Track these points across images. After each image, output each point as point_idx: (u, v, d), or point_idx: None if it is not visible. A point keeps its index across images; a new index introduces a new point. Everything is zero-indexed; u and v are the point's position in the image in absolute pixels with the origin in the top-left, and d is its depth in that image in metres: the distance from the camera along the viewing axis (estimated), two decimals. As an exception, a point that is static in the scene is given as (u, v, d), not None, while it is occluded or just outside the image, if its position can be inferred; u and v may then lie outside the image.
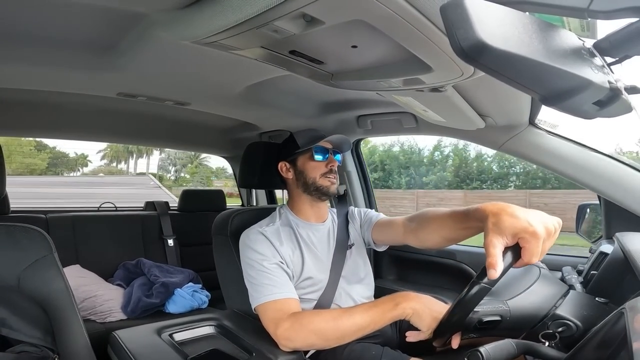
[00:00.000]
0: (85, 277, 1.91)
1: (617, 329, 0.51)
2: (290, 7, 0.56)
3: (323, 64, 0.86)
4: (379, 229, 1.21)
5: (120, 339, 0.98)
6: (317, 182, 1.18)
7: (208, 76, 1.11)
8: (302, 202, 1.22)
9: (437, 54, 0.68)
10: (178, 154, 35.46)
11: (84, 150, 38.15)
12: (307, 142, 1.21)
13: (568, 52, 0.38)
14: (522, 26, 0.35)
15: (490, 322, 0.78)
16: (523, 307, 0.79)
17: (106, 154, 37.06)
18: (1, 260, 0.91)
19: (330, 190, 1.19)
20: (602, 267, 0.96)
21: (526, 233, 0.64)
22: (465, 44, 0.33)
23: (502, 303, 0.79)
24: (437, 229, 0.98)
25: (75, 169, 36.21)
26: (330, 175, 1.20)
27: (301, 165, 1.21)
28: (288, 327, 0.93)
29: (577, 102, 0.39)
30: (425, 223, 1.03)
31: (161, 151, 35.69)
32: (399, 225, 1.13)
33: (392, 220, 1.19)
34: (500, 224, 0.67)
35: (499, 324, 0.78)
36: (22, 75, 1.11)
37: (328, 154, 1.21)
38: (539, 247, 0.64)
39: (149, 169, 36.86)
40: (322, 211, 1.25)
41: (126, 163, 38.01)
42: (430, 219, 1.01)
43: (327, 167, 1.19)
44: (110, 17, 0.84)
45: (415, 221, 1.07)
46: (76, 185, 15.37)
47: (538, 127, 1.20)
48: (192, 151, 3.18)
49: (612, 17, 0.37)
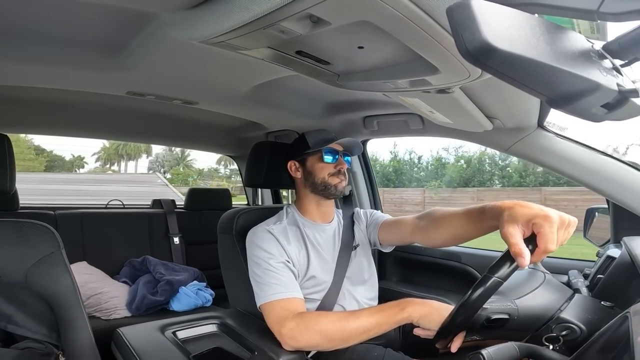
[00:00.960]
0: (92, 274, 1.93)
1: (620, 332, 0.51)
2: (297, 8, 0.56)
3: (329, 65, 0.86)
4: (386, 229, 1.21)
5: (124, 335, 0.99)
6: (326, 180, 1.18)
7: (216, 76, 1.12)
8: (309, 202, 1.22)
9: (444, 55, 0.67)
10: (166, 156, 38.49)
11: (80, 152, 41.16)
12: (318, 143, 1.21)
13: (576, 55, 0.37)
14: (530, 28, 0.35)
15: (498, 320, 0.77)
16: (531, 307, 0.79)
17: (100, 157, 39.55)
18: (9, 256, 0.92)
19: (338, 188, 1.19)
20: (609, 271, 0.95)
21: (539, 218, 0.65)
22: (472, 45, 0.32)
23: (510, 302, 0.79)
24: (449, 227, 0.98)
25: (72, 170, 38.41)
26: (339, 176, 1.20)
27: (310, 165, 1.21)
28: (293, 327, 0.93)
29: (585, 104, 0.39)
30: (436, 221, 1.02)
31: (148, 154, 38.76)
32: (407, 224, 1.12)
33: (399, 219, 1.18)
34: (514, 214, 0.68)
35: (506, 322, 0.78)
36: (32, 73, 1.13)
37: (338, 156, 1.21)
38: (553, 232, 0.64)
39: (137, 170, 39.69)
40: (328, 211, 1.25)
41: (118, 165, 40.82)
42: (442, 217, 1.01)
43: (335, 168, 1.20)
44: (120, 17, 0.85)
45: (425, 220, 1.07)
46: (84, 182, 15.55)
47: (547, 130, 1.18)
48: (200, 150, 3.21)
49: (622, 19, 0.37)
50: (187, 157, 38.33)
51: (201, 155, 52.71)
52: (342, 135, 1.35)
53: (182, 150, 30.65)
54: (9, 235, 0.94)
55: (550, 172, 1.21)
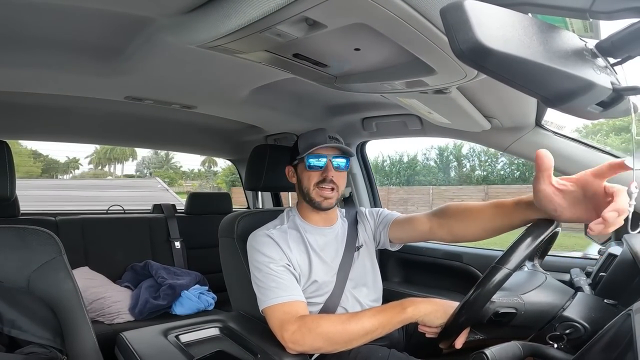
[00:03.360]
0: (94, 279, 1.93)
1: (623, 330, 0.51)
2: (293, 11, 0.57)
3: (327, 67, 0.86)
4: (398, 227, 1.18)
5: (127, 340, 0.99)
6: (310, 193, 1.12)
7: (214, 80, 1.12)
8: (306, 208, 1.18)
9: (440, 56, 0.68)
10: (152, 159, 41.33)
11: (75, 155, 44.52)
12: (305, 148, 1.12)
13: (570, 54, 0.37)
14: (523, 28, 0.35)
15: (506, 315, 0.77)
16: (536, 302, 0.79)
17: (92, 159, 42.35)
18: (11, 261, 0.92)
19: (323, 205, 1.11)
20: (611, 268, 0.95)
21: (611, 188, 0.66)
22: (465, 46, 0.33)
23: (517, 297, 0.79)
24: (477, 220, 0.97)
25: (67, 172, 41.48)
26: (325, 186, 1.10)
27: (300, 172, 1.16)
28: (295, 330, 0.93)
29: (580, 103, 0.39)
30: (460, 216, 1.02)
31: (134, 158, 41.64)
32: (422, 222, 1.10)
33: (411, 217, 1.16)
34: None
35: (513, 317, 0.78)
36: (30, 79, 1.13)
37: (326, 161, 1.11)
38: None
39: (124, 171, 43.71)
40: (329, 216, 1.21)
41: (108, 167, 43.58)
42: (466, 211, 1.01)
43: (321, 176, 1.11)
44: (117, 22, 0.85)
45: (444, 216, 1.06)
46: (84, 188, 15.56)
47: (544, 128, 1.19)
48: (199, 154, 3.21)
49: (614, 18, 0.37)
50: (172, 160, 41.29)
51: (185, 157, 55.29)
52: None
53: (166, 153, 32.47)
54: (10, 242, 0.94)
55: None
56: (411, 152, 25.97)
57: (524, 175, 15.18)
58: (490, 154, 16.39)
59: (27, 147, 30.09)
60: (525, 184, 13.45)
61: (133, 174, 40.98)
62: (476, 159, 17.13)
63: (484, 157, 16.85)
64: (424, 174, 17.74)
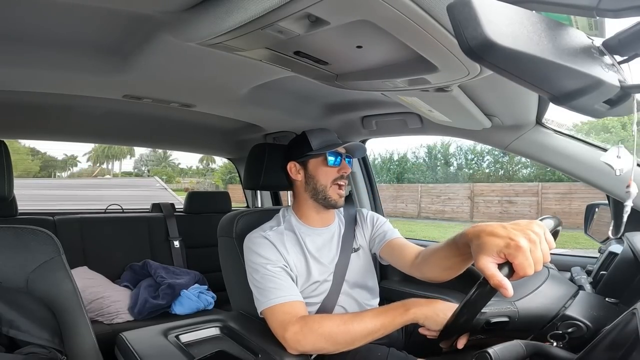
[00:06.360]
0: (92, 278, 1.92)
1: (628, 330, 0.51)
2: (295, 7, 0.56)
3: (328, 65, 0.86)
4: (389, 250, 1.17)
5: (127, 340, 0.98)
6: (327, 191, 1.14)
7: (213, 78, 1.12)
8: (307, 207, 1.18)
9: (443, 53, 0.67)
10: (150, 156, 42.11)
11: (73, 152, 45.69)
12: (322, 145, 1.16)
13: (578, 51, 0.37)
14: (531, 25, 0.35)
15: (498, 324, 0.77)
16: (531, 308, 0.79)
17: (90, 157, 43.27)
18: (10, 262, 0.91)
19: (338, 203, 1.15)
20: (612, 267, 0.95)
21: (510, 249, 0.62)
22: (474, 43, 0.32)
23: (510, 304, 0.78)
24: (437, 261, 0.96)
25: (65, 169, 42.49)
26: (341, 182, 1.15)
27: (312, 168, 1.16)
28: (297, 331, 0.93)
29: (587, 101, 0.38)
30: (426, 257, 1.01)
31: (131, 156, 42.76)
32: (409, 257, 1.09)
33: (404, 246, 1.14)
34: (483, 245, 0.65)
35: (506, 325, 0.78)
36: (28, 78, 1.12)
37: (341, 158, 1.16)
38: (528, 259, 0.62)
39: (122, 169, 45.16)
40: (328, 217, 1.22)
41: (106, 165, 44.44)
42: (429, 252, 1.00)
43: (339, 172, 1.15)
44: (116, 20, 0.84)
45: (419, 256, 1.05)
46: (83, 187, 15.52)
47: (545, 127, 1.19)
48: (198, 153, 3.21)
49: (621, 16, 0.37)
50: (169, 157, 41.93)
51: (183, 154, 55.82)
52: (341, 135, 1.35)
53: (164, 150, 32.56)
54: (8, 242, 0.93)
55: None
56: (401, 151, 26.09)
57: (508, 174, 15.40)
58: (476, 152, 16.47)
59: (25, 144, 30.65)
60: (508, 182, 13.57)
61: (131, 171, 41.50)
62: (463, 157, 17.24)
63: (470, 156, 16.93)
64: (413, 172, 17.82)
